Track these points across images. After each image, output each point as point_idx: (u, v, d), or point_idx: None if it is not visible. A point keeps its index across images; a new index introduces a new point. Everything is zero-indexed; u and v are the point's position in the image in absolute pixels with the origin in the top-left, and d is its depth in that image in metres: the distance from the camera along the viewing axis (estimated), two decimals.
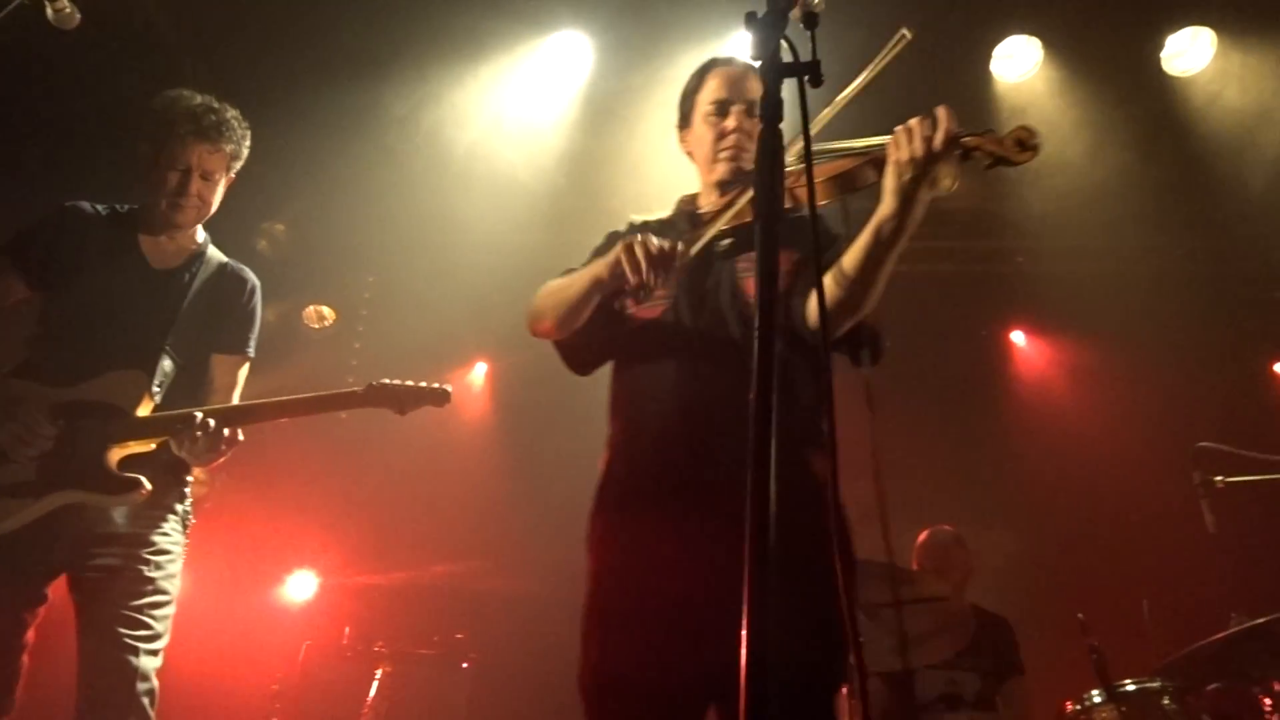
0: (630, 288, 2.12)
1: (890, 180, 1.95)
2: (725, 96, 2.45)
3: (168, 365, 2.84)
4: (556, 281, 2.39)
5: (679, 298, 2.29)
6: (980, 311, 6.84)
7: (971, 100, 5.35)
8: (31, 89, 4.72)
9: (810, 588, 1.85)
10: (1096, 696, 3.55)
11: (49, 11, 2.81)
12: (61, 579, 2.70)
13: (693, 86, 2.54)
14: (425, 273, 6.35)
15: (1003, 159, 1.92)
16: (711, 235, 2.19)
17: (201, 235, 3.05)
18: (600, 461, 2.28)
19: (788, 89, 1.45)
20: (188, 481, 2.91)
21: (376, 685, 4.78)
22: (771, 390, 1.22)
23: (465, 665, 5.10)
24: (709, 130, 2.45)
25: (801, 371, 2.18)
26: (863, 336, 2.14)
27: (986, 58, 5.33)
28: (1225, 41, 5.19)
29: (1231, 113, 5.36)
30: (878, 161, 2.02)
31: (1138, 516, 5.75)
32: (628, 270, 2.08)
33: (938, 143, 1.90)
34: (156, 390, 2.79)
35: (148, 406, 2.75)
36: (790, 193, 2.09)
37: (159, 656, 2.66)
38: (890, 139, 1.96)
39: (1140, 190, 5.66)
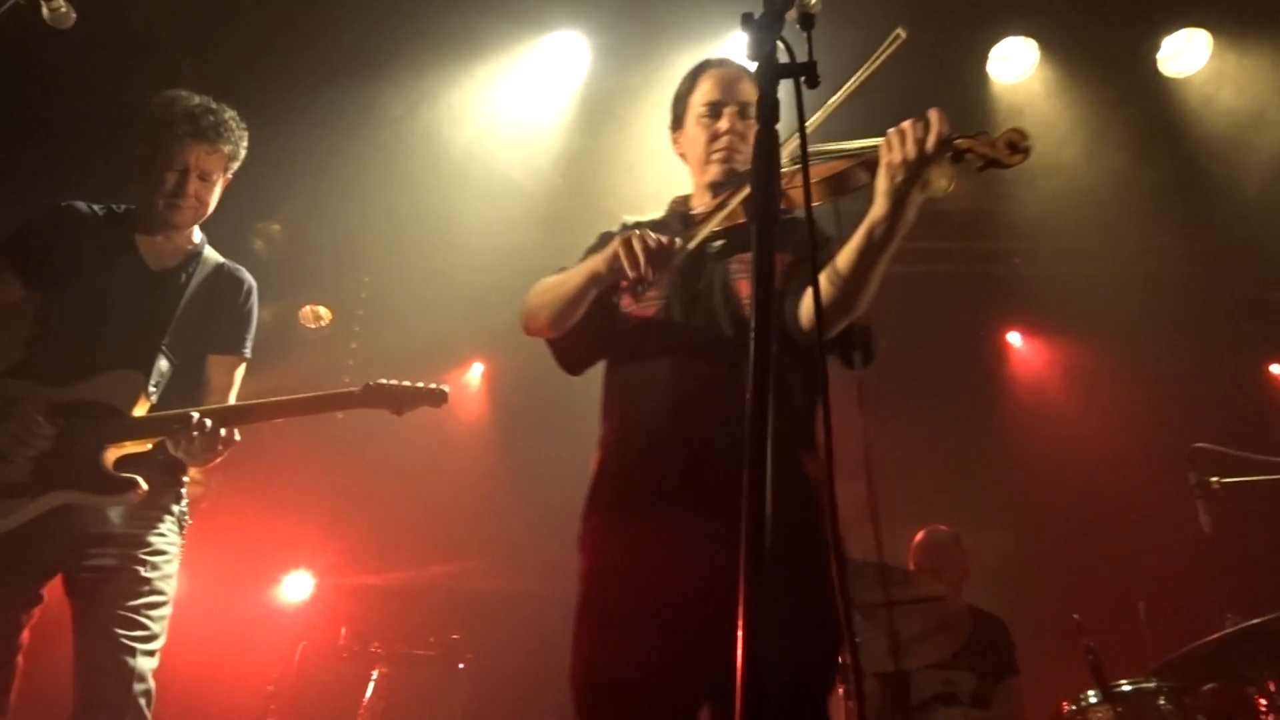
0: (628, 282, 2.12)
1: (882, 182, 1.95)
2: (718, 98, 2.45)
3: (164, 365, 2.84)
4: (551, 279, 2.38)
5: (671, 298, 2.28)
6: (977, 312, 6.85)
7: (968, 101, 5.36)
8: (27, 89, 4.71)
9: (803, 587, 1.85)
10: (1092, 697, 3.55)
11: (45, 11, 2.80)
12: (57, 579, 2.69)
13: (685, 88, 2.55)
14: (421, 273, 6.35)
15: (994, 161, 1.93)
16: (704, 236, 2.19)
17: (198, 235, 3.05)
18: (592, 461, 2.27)
19: (783, 90, 1.46)
20: (184, 482, 2.91)
21: (372, 686, 4.78)
22: (768, 391, 1.22)
23: (462, 666, 5.10)
24: (702, 132, 2.45)
25: (793, 373, 2.19)
26: (854, 338, 2.14)
27: (983, 59, 5.34)
28: (1221, 43, 5.20)
29: (1227, 114, 5.36)
30: (870, 163, 2.02)
31: (1134, 517, 5.77)
32: (626, 264, 2.08)
33: (930, 145, 1.90)
34: (153, 390, 2.79)
35: (144, 406, 2.74)
36: (783, 194, 2.09)
37: (155, 657, 2.66)
38: (882, 141, 1.97)
39: (1136, 191, 5.67)
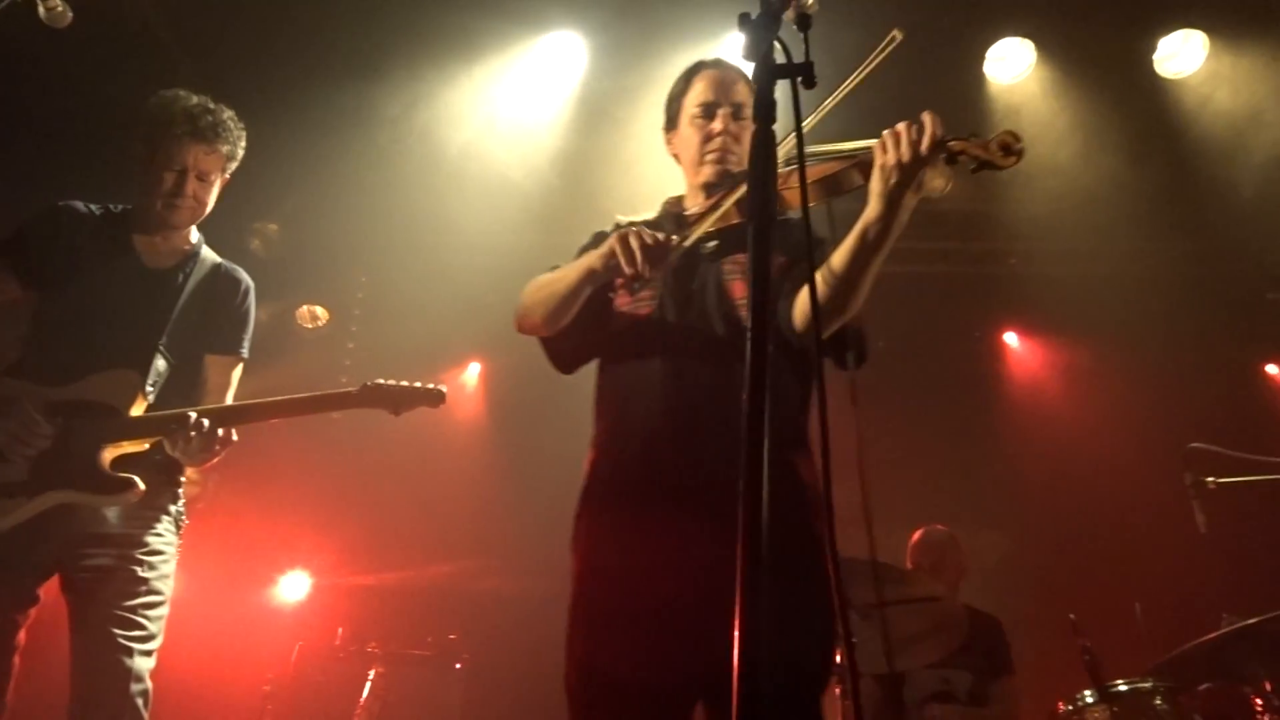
0: (624, 279, 2.12)
1: (876, 184, 1.96)
2: (712, 99, 2.45)
3: (161, 365, 2.84)
4: (544, 277, 2.37)
5: (664, 298, 2.28)
6: (974, 313, 6.86)
7: (965, 102, 5.36)
8: (24, 88, 4.70)
9: (798, 587, 1.86)
10: (1089, 696, 3.56)
11: (41, 10, 2.80)
12: (53, 579, 2.69)
13: (679, 89, 2.54)
14: (419, 273, 6.34)
15: (988, 163, 1.94)
16: (698, 236, 2.19)
17: (195, 235, 3.05)
18: (585, 461, 2.27)
19: (780, 90, 1.46)
20: (181, 482, 2.91)
21: (369, 686, 4.78)
22: (764, 391, 1.22)
23: (459, 666, 5.10)
24: (695, 133, 2.45)
25: (786, 374, 2.19)
26: (848, 339, 2.14)
27: (980, 60, 5.34)
28: (1217, 44, 5.21)
29: (1223, 115, 5.37)
30: (864, 165, 2.02)
31: (1130, 517, 5.78)
32: (622, 260, 2.08)
33: (923, 147, 1.91)
34: (150, 390, 2.79)
35: (141, 406, 2.75)
36: (778, 195, 2.09)
37: (153, 657, 2.66)
38: (876, 143, 1.97)
39: (1132, 192, 5.68)
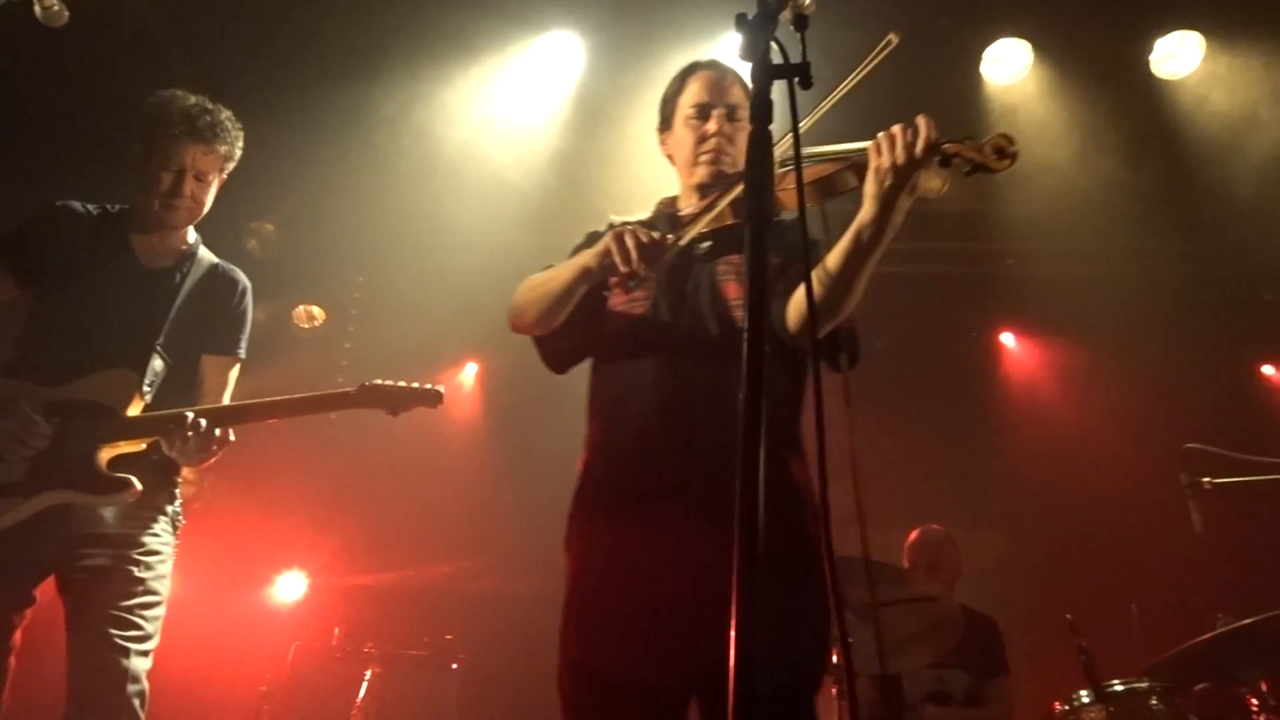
0: (619, 277, 2.11)
1: (871, 186, 1.96)
2: (706, 100, 2.45)
3: (158, 365, 2.84)
4: (538, 276, 2.37)
5: (658, 298, 2.28)
6: (970, 313, 6.86)
7: (962, 102, 5.37)
8: (20, 87, 4.70)
9: (792, 587, 1.86)
10: (1085, 696, 3.56)
11: (37, 9, 2.80)
12: (50, 580, 2.69)
13: (674, 90, 2.54)
14: (415, 273, 6.34)
15: (982, 166, 1.94)
16: (692, 237, 2.19)
17: (193, 235, 3.05)
18: (578, 461, 2.26)
19: (776, 91, 1.46)
20: (177, 482, 2.91)
21: (366, 686, 4.78)
22: (761, 392, 1.22)
23: (455, 666, 5.10)
24: (689, 134, 2.45)
25: (779, 374, 2.19)
26: (840, 339, 2.14)
27: (977, 60, 5.35)
28: (1213, 45, 5.21)
29: (1219, 116, 5.38)
30: (858, 167, 2.03)
31: (1126, 517, 5.79)
32: (618, 259, 2.08)
33: (918, 150, 1.91)
34: (147, 390, 2.78)
35: (138, 406, 2.74)
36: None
37: (149, 658, 2.65)
38: (871, 145, 1.97)
39: (1129, 193, 5.69)
